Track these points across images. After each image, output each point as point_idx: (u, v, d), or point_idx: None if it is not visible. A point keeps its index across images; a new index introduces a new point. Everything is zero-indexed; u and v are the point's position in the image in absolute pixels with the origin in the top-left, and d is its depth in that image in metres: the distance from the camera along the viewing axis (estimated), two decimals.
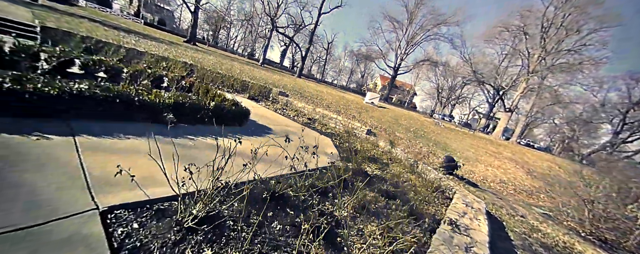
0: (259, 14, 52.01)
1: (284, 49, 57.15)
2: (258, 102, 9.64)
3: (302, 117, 8.59)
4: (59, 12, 16.32)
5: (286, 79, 20.93)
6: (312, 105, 11.07)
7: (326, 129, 7.99)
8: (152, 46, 13.05)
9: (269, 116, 7.31)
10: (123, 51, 8.04)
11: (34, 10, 11.97)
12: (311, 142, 5.85)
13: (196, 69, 9.87)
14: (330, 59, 69.10)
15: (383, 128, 10.25)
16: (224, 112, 4.76)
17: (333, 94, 19.49)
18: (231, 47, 67.20)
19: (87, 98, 2.97)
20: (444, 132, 13.34)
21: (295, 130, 6.59)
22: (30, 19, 8.56)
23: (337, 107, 12.79)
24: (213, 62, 14.92)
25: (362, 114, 12.52)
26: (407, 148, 7.47)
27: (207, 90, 6.23)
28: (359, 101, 20.05)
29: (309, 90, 17.19)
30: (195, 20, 33.25)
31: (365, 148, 6.54)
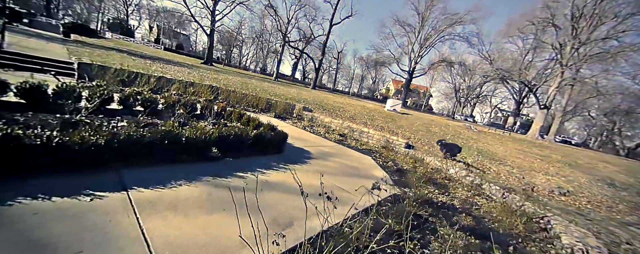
0: (269, 30, 53.72)
1: (294, 62, 58.16)
2: (284, 120, 9.39)
3: (332, 134, 8.17)
4: (90, 45, 17.49)
5: (304, 93, 20.84)
6: (338, 119, 10.66)
7: (361, 145, 7.49)
8: (177, 71, 13.43)
9: (301, 136, 6.96)
10: (153, 81, 8.16)
11: (69, 46, 12.77)
12: (353, 164, 5.35)
13: (221, 90, 9.88)
14: (341, 67, 69.30)
15: (418, 138, 9.56)
16: (265, 140, 4.43)
17: (353, 104, 19.05)
18: (244, 64, 69.53)
19: (135, 143, 2.72)
20: (480, 138, 12.34)
21: (331, 150, 6.16)
22: (66, 55, 9.01)
23: (362, 118, 12.29)
24: (233, 82, 15.10)
25: (389, 124, 11.90)
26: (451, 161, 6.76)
27: (240, 115, 6.01)
28: (381, 109, 19.41)
29: (328, 102, 16.88)
30: (211, 43, 34.70)
31: (412, 166, 5.95)
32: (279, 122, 8.56)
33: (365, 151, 6.90)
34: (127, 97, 4.81)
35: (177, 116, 4.87)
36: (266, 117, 9.02)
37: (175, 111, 5.25)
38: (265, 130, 5.15)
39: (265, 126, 5.38)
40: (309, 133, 7.76)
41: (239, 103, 9.52)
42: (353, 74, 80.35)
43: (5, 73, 5.77)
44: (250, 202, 2.66)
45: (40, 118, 3.41)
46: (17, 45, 8.51)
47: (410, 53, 40.68)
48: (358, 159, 5.78)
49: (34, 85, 3.74)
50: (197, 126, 3.91)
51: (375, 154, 6.67)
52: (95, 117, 4.00)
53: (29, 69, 6.43)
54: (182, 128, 4.51)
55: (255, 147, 4.29)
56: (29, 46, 9.36)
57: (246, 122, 5.74)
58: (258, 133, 4.32)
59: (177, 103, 5.50)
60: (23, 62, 6.53)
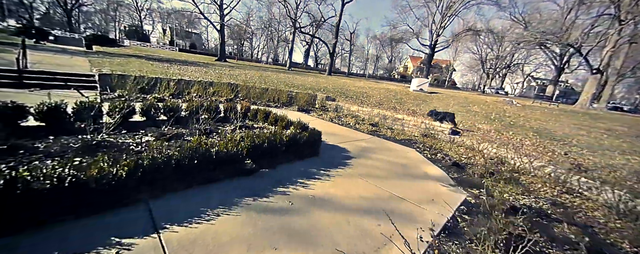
0: (277, 18, 52.22)
1: (306, 49, 56.56)
2: (309, 113, 8.81)
3: (363, 124, 7.47)
4: (110, 55, 17.94)
5: (321, 80, 20.00)
6: (365, 106, 9.86)
7: (398, 135, 6.73)
8: (194, 71, 13.26)
9: (331, 130, 6.36)
10: (173, 85, 7.92)
11: (91, 58, 13.03)
12: (398, 160, 4.64)
13: (240, 87, 9.48)
14: (354, 49, 66.27)
15: (459, 121, 8.52)
16: (299, 144, 3.89)
17: (375, 88, 17.90)
18: (255, 57, 69.25)
19: (161, 168, 2.29)
20: (528, 114, 10.85)
21: (368, 144, 5.51)
22: (88, 68, 9.04)
23: (389, 102, 11.34)
24: (250, 77, 14.71)
25: (422, 107, 10.86)
26: (510, 147, 5.80)
27: (267, 114, 5.52)
28: (406, 90, 18.06)
29: (349, 88, 15.95)
30: (223, 38, 34.45)
31: (466, 157, 5.13)
32: (303, 115, 8.01)
33: (405, 141, 6.15)
34: (149, 108, 4.48)
35: (201, 123, 4.47)
36: (289, 111, 8.51)
37: (198, 117, 4.86)
38: (296, 130, 4.60)
39: (295, 124, 4.84)
40: (338, 126, 7.14)
41: (259, 99, 9.08)
42: (367, 55, 76.81)
43: (31, 94, 5.75)
44: (303, 229, 2.17)
45: (61, 142, 3.14)
46: (44, 63, 8.67)
47: (430, 25, 37.28)
48: (402, 153, 5.09)
49: (51, 106, 3.47)
50: (225, 133, 3.44)
51: (418, 145, 5.91)
52: (118, 135, 3.70)
53: (54, 86, 6.41)
54: (209, 137, 4.13)
55: (290, 152, 3.78)
56: (54, 62, 9.55)
57: (274, 122, 5.24)
58: (292, 136, 3.77)
59: (200, 108, 5.11)
60: (47, 80, 6.52)
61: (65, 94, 5.85)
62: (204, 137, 3.57)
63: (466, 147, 5.79)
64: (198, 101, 7.29)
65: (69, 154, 2.86)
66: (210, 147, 2.76)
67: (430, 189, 3.46)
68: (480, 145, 5.74)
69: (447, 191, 3.44)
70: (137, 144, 3.44)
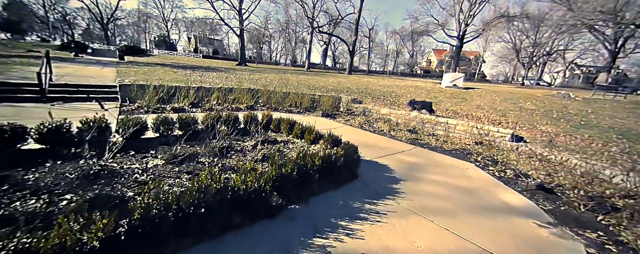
0: (294, 19, 52.11)
1: (324, 48, 55.87)
2: (334, 118, 8.00)
3: (399, 132, 6.47)
4: (139, 64, 18.65)
5: (342, 80, 19.08)
6: (396, 108, 8.81)
7: (445, 143, 5.65)
8: (215, 78, 13.10)
9: (364, 140, 5.47)
10: (192, 93, 7.56)
11: (120, 68, 13.43)
12: (459, 182, 3.56)
13: (260, 93, 8.94)
14: (373, 45, 64.10)
15: (516, 123, 7.16)
16: (335, 166, 3.09)
17: (402, 85, 16.57)
18: (274, 59, 70.02)
19: (157, 223, 1.62)
20: (596, 109, 8.99)
21: (412, 158, 4.55)
22: (114, 78, 9.07)
23: (426, 102, 10.12)
24: (270, 80, 14.28)
25: (463, 106, 9.51)
26: (604, 158, 4.49)
27: (291, 124, 4.80)
28: (437, 87, 16.49)
29: (373, 87, 14.86)
30: (242, 43, 34.93)
31: (545, 173, 3.97)
32: (328, 122, 7.21)
33: (456, 153, 5.08)
34: (162, 123, 3.97)
35: (219, 138, 3.86)
36: (313, 117, 7.76)
37: (216, 129, 4.27)
38: (327, 145, 3.81)
39: (325, 138, 4.05)
40: (370, 133, 6.23)
41: (281, 105, 8.46)
42: (387, 51, 74.07)
43: (52, 108, 5.61)
44: None
45: (57, 171, 2.65)
46: (74, 75, 8.85)
47: (457, 14, 34.45)
48: (460, 171, 4.07)
49: (52, 127, 3.04)
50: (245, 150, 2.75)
51: (475, 157, 4.82)
52: (124, 158, 3.19)
53: (77, 99, 6.29)
54: (226, 156, 3.49)
55: (324, 178, 2.99)
56: (84, 74, 9.78)
57: (300, 134, 4.50)
58: (326, 159, 2.98)
59: (218, 120, 4.53)
60: (71, 92, 6.44)
61: (85, 107, 5.65)
62: (218, 161, 2.91)
63: (539, 158, 4.58)
64: (218, 109, 6.85)
65: (60, 189, 2.34)
66: (224, 186, 2.05)
67: (523, 232, 2.47)
68: (559, 155, 4.49)
69: (552, 237, 2.41)
70: (142, 170, 2.88)
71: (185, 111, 6.58)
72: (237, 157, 3.52)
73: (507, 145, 5.52)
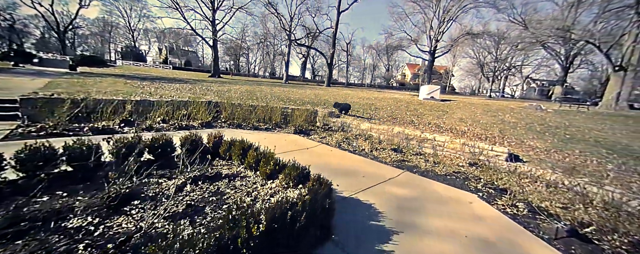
0: (272, 32, 51.78)
1: (303, 61, 55.88)
2: (308, 135, 6.92)
3: (383, 151, 5.54)
4: (91, 75, 16.35)
5: (320, 92, 18.31)
6: (377, 122, 7.98)
7: (436, 165, 4.79)
8: (175, 90, 11.52)
9: (342, 164, 4.42)
10: (129, 107, 6.07)
11: (56, 79, 11.33)
12: (465, 225, 2.41)
13: (223, 106, 7.64)
14: (350, 59, 65.72)
15: (505, 138, 6.62)
16: (296, 226, 1.93)
17: (380, 98, 16.13)
18: (253, 72, 68.60)
19: None
20: (571, 121, 8.96)
21: (402, 187, 3.56)
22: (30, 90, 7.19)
23: (404, 115, 9.48)
24: (240, 92, 12.97)
25: (445, 120, 8.98)
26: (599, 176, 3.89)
27: (244, 149, 3.59)
28: (415, 99, 16.29)
29: (352, 100, 14.18)
30: (216, 54, 33.32)
31: (563, 206, 3.16)
32: (301, 140, 6.10)
33: (452, 178, 4.20)
34: (32, 155, 2.56)
35: (122, 178, 2.53)
36: (283, 134, 6.61)
37: (127, 165, 2.93)
38: (291, 181, 2.68)
39: (288, 169, 2.91)
40: (350, 154, 5.21)
41: (246, 120, 7.21)
42: (364, 65, 76.50)
43: None
44: None
45: None
46: None
47: (428, 31, 36.35)
48: (465, 208, 3.13)
49: None
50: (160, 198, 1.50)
51: (474, 184, 3.96)
52: None
53: None
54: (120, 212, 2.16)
55: (280, 244, 1.83)
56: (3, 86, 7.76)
57: (254, 164, 3.31)
58: (278, 216, 1.82)
59: (136, 146, 3.20)
60: None
61: None
62: (101, 222, 1.62)
63: (545, 182, 3.84)
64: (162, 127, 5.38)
65: None
66: None
67: None
68: (568, 181, 3.78)
69: None
70: None
71: (114, 132, 5.09)
72: (149, 211, 2.23)
73: (503, 165, 4.80)
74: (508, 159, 4.85)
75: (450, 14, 34.04)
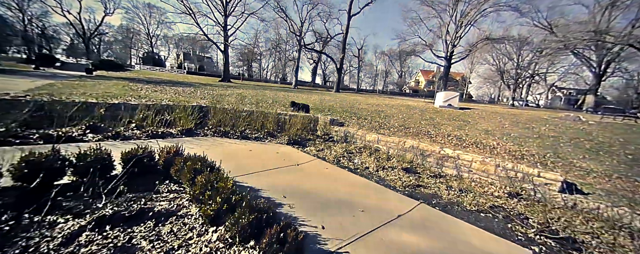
0: (284, 39, 52.05)
1: (314, 66, 55.62)
2: (304, 146, 5.92)
3: (391, 171, 4.42)
4: (102, 78, 16.44)
5: (327, 98, 17.37)
6: (386, 132, 6.85)
7: (461, 195, 3.61)
8: (176, 93, 10.98)
9: (338, 190, 3.37)
10: (101, 112, 5.37)
11: (61, 81, 11.14)
12: None
13: (212, 111, 6.83)
14: (362, 65, 64.69)
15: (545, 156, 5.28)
16: None
17: (392, 104, 14.92)
18: (265, 77, 69.17)
19: None
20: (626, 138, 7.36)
21: (425, 239, 2.43)
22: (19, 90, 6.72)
23: (417, 124, 8.28)
24: (243, 96, 12.29)
25: (465, 130, 7.70)
26: None
27: (196, 173, 2.63)
28: (430, 106, 14.94)
29: (360, 106, 13.10)
30: (226, 59, 33.56)
31: None
32: (294, 152, 5.10)
33: (488, 216, 3.03)
34: None
35: None
36: (275, 145, 5.65)
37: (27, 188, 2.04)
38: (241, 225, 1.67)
39: (242, 208, 1.91)
40: (349, 174, 4.14)
41: (234, 127, 6.33)
42: (376, 71, 75.18)
43: None
44: None
45: None
46: None
47: (444, 35, 34.76)
48: None
49: None
50: None
51: (524, 229, 2.77)
52: None
53: None
54: None
55: None
56: None
57: (200, 192, 2.31)
58: None
59: (54, 161, 2.33)
60: None
61: None
62: None
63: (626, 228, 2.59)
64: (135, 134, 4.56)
65: None
66: None
67: None
68: None
69: None
70: None
71: (74, 140, 4.34)
72: None
73: (557, 198, 3.53)
74: (563, 189, 3.58)
75: (469, 18, 32.37)
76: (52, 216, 2.03)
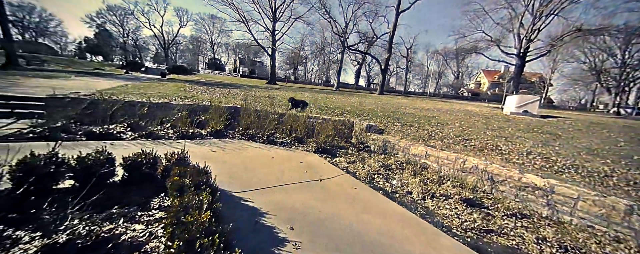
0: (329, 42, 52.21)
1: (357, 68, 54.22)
2: (334, 156, 5.14)
3: (444, 202, 3.28)
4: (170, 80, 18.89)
5: (368, 100, 16.15)
6: (437, 145, 5.52)
7: (560, 250, 2.30)
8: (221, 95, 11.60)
9: (361, 230, 2.49)
10: (144, 111, 5.65)
11: (133, 83, 12.98)
12: None
13: (243, 112, 6.67)
14: (411, 66, 59.97)
15: None
16: None
17: (448, 110, 12.83)
18: (309, 80, 70.82)
19: None
20: None
21: None
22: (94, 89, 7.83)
23: (483, 138, 6.56)
24: (280, 98, 12.24)
25: (555, 147, 5.71)
26: None
27: (180, 191, 2.15)
28: (497, 113, 12.34)
29: (406, 110, 11.58)
30: (273, 62, 35.23)
31: None
32: (321, 163, 4.38)
33: None
34: None
35: None
36: (302, 153, 5.04)
37: None
38: None
39: None
40: (384, 199, 3.18)
41: (260, 127, 5.98)
42: (427, 72, 68.90)
43: None
44: None
45: None
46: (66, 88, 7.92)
47: (517, 29, 29.16)
48: None
49: None
50: None
51: None
52: None
53: None
54: None
55: None
56: (78, 86, 8.93)
57: (168, 228, 1.78)
58: None
59: (49, 164, 2.17)
60: None
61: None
62: None
63: None
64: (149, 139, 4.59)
65: None
66: None
67: None
68: None
69: None
70: None
71: (113, 137, 4.56)
72: None
73: None
74: None
75: (552, 5, 26.36)
76: (18, 230, 1.76)
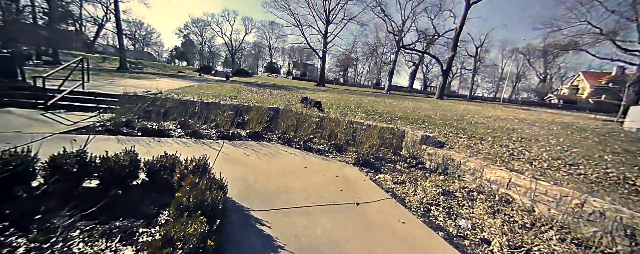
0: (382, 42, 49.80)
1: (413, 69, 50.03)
2: (378, 171, 4.31)
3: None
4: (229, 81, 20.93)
5: (423, 106, 14.23)
6: (526, 170, 4.04)
7: None
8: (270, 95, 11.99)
9: None
10: (194, 110, 5.97)
11: (198, 83, 14.66)
12: None
13: (282, 115, 6.43)
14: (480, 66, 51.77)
15: None
16: None
17: (532, 121, 10.10)
18: (358, 82, 69.28)
19: None
20: None
21: None
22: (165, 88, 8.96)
23: (597, 162, 4.62)
24: (326, 100, 11.85)
25: None
26: None
27: (179, 211, 1.78)
28: (615, 129, 9.06)
29: (473, 119, 9.54)
30: (323, 65, 35.56)
31: None
32: (359, 180, 3.63)
33: None
34: None
35: None
36: (339, 164, 4.40)
37: None
38: None
39: None
40: (445, 243, 2.24)
41: (297, 133, 5.57)
42: (501, 74, 58.69)
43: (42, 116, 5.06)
44: None
45: None
46: (134, 86, 9.41)
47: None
48: None
49: None
50: None
51: None
52: None
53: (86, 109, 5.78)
54: None
55: None
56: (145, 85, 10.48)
57: None
58: None
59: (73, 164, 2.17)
60: (80, 100, 6.09)
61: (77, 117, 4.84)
62: None
63: None
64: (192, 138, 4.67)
65: None
66: None
67: None
68: None
69: None
70: None
71: (164, 134, 4.86)
72: None
73: None
74: None
75: None
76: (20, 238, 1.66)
